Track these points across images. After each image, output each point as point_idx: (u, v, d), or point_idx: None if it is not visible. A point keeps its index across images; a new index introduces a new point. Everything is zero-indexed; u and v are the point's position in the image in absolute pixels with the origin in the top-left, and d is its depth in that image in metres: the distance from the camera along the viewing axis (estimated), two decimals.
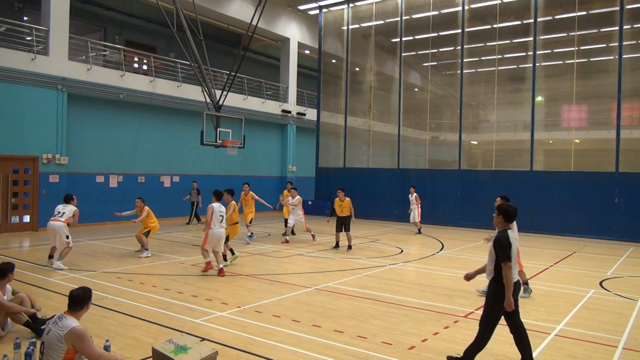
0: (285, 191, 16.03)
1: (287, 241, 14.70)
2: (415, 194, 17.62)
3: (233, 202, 11.18)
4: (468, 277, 5.77)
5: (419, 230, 17.77)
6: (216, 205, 10.03)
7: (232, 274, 10.00)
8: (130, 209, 19.17)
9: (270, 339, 6.09)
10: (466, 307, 7.80)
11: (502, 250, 5.14)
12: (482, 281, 9.23)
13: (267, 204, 15.57)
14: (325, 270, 10.70)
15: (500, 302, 5.09)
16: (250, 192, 14.91)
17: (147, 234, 12.16)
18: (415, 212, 17.57)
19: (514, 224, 6.96)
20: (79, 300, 4.59)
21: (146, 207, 12.27)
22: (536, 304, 8.21)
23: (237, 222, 11.53)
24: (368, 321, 6.95)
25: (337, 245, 13.67)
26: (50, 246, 10.46)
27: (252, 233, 14.91)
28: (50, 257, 10.43)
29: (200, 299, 7.91)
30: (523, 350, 5.27)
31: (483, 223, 19.56)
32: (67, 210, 10.46)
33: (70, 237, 10.37)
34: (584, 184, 17.85)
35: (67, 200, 10.73)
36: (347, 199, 13.39)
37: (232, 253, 11.22)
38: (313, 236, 15.09)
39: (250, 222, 14.85)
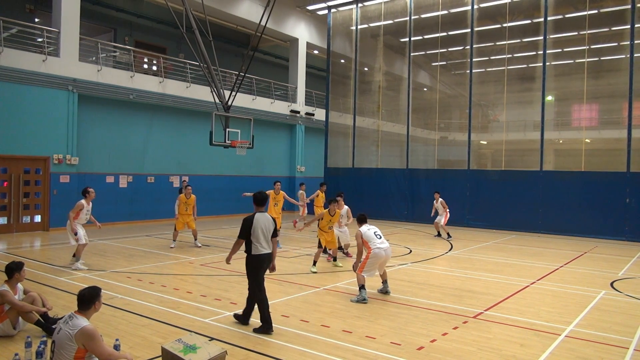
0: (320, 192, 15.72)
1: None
2: (440, 199, 16.59)
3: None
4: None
5: (448, 234, 16.63)
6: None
7: (241, 274, 10.02)
8: (139, 209, 19.41)
9: (279, 339, 6.10)
10: (475, 308, 7.76)
11: (241, 228, 6.50)
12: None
13: (299, 203, 14.62)
14: (334, 271, 10.70)
15: (250, 268, 6.47)
16: (282, 192, 14.07)
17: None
18: (442, 218, 16.56)
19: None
20: (86, 299, 4.64)
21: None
22: (547, 304, 8.15)
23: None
24: (377, 321, 6.94)
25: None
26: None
27: None
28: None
29: (209, 299, 7.94)
30: (248, 307, 6.60)
31: (492, 223, 19.49)
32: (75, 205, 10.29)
33: (79, 233, 10.13)
34: (595, 184, 17.69)
35: (82, 194, 10.46)
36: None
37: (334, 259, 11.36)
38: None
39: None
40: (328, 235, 11.09)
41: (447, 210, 16.63)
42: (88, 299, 4.64)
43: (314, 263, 10.66)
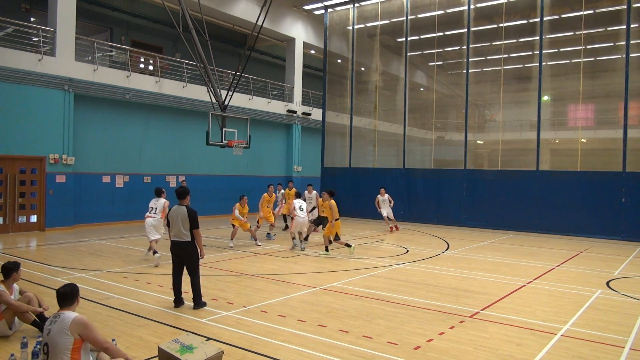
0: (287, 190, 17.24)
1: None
2: (387, 194, 18.39)
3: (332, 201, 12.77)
4: None
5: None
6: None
7: (237, 274, 10.02)
8: (136, 208, 19.34)
9: (276, 339, 6.10)
10: (472, 307, 7.78)
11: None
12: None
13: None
14: (331, 270, 10.70)
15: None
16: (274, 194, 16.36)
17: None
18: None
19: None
20: (69, 295, 4.62)
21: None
22: (543, 304, 8.17)
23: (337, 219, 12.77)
24: (374, 321, 6.95)
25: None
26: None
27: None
28: (153, 251, 11.13)
29: (206, 299, 7.91)
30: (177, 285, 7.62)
31: (489, 223, 19.53)
32: (159, 204, 11.42)
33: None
34: (591, 183, 17.74)
35: (158, 194, 11.59)
36: (329, 202, 12.85)
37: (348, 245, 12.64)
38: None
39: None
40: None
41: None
42: (71, 294, 4.62)
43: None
